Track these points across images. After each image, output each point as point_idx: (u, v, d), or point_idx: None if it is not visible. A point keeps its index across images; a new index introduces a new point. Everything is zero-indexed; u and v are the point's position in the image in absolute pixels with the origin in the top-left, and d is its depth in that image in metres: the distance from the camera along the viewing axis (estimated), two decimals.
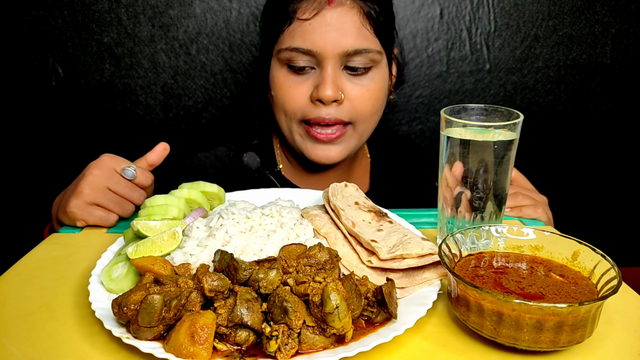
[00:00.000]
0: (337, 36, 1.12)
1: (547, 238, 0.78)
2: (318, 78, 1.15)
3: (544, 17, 1.65)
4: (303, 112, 1.18)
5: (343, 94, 1.15)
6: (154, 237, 0.82)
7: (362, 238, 0.82)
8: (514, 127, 0.84)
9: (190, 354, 0.60)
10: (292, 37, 1.14)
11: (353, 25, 1.12)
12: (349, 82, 1.16)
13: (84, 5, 1.55)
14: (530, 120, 1.74)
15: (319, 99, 1.14)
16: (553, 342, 0.63)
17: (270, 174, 1.33)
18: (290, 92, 1.18)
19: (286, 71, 1.18)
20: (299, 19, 1.13)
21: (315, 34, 1.12)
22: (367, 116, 1.21)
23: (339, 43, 1.12)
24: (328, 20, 1.12)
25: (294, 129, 1.22)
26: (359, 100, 1.17)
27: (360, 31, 1.13)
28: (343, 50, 1.12)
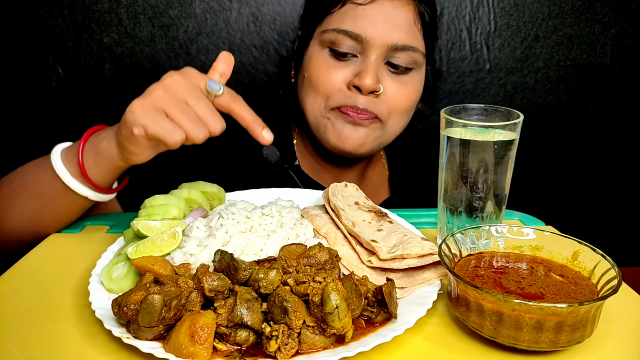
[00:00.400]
0: (389, 27, 1.10)
1: (547, 238, 0.78)
2: (360, 66, 1.12)
3: (544, 17, 1.65)
4: (337, 98, 1.14)
5: (382, 86, 1.13)
6: (154, 237, 0.82)
7: (362, 238, 0.82)
8: (514, 127, 0.84)
9: (190, 354, 0.60)
10: (343, 19, 1.12)
11: (406, 20, 1.11)
12: (388, 77, 1.14)
13: (84, 5, 1.55)
14: (530, 120, 1.74)
15: (357, 86, 1.11)
16: (553, 342, 0.63)
17: (290, 168, 1.30)
18: (327, 74, 1.14)
19: (327, 53, 1.15)
20: (353, 2, 1.11)
21: (368, 20, 1.10)
22: (399, 115, 1.18)
23: (389, 34, 1.10)
24: (383, 10, 1.10)
25: (321, 112, 1.17)
26: (396, 97, 1.15)
27: (411, 28, 1.12)
28: (392, 43, 1.10)
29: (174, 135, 0.79)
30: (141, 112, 0.79)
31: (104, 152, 0.89)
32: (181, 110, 0.80)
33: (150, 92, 0.80)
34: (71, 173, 0.92)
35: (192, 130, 0.80)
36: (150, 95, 0.80)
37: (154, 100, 0.79)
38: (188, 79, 0.83)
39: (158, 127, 0.78)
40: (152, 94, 0.80)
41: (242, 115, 0.85)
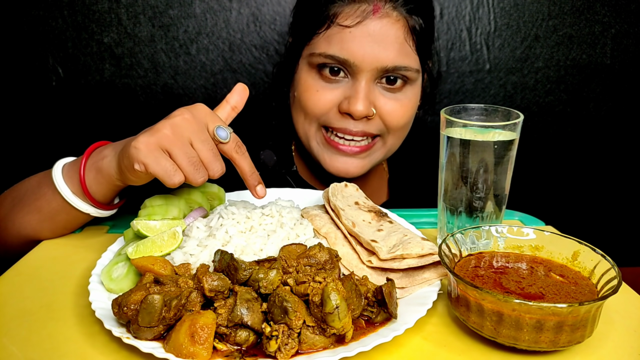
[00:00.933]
0: (378, 50, 1.05)
1: (547, 238, 0.78)
2: (350, 90, 1.09)
3: (544, 17, 1.65)
4: (327, 118, 1.12)
5: (375, 109, 1.10)
6: (154, 237, 0.82)
7: (362, 238, 0.82)
8: (514, 127, 0.84)
9: (190, 354, 0.60)
10: (329, 42, 1.08)
11: (396, 40, 1.06)
12: (382, 97, 1.11)
13: (84, 5, 1.55)
14: (530, 120, 1.74)
15: (348, 113, 1.09)
16: (553, 342, 0.63)
17: (287, 173, 1.29)
18: (316, 96, 1.11)
19: (315, 74, 1.12)
20: (339, 25, 1.06)
21: (355, 44, 1.05)
22: (397, 131, 1.16)
23: (378, 57, 1.05)
24: (371, 31, 1.05)
25: (311, 133, 1.16)
26: (391, 116, 1.12)
27: (402, 47, 1.07)
28: (382, 66, 1.06)
29: (173, 178, 0.79)
30: (145, 150, 0.79)
31: (105, 171, 0.88)
32: (184, 153, 0.80)
33: (158, 129, 0.80)
34: (72, 190, 0.91)
35: (191, 174, 0.80)
36: (158, 133, 0.79)
37: (159, 140, 0.79)
38: (197, 119, 0.83)
39: (159, 168, 0.79)
40: (159, 132, 0.79)
41: (242, 166, 0.87)
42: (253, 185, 0.88)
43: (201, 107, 0.85)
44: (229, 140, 0.84)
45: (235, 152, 0.86)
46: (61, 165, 0.94)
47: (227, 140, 0.84)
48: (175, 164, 0.80)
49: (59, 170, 0.92)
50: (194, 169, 0.80)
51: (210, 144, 0.83)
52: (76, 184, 0.91)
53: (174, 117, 0.82)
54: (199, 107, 0.85)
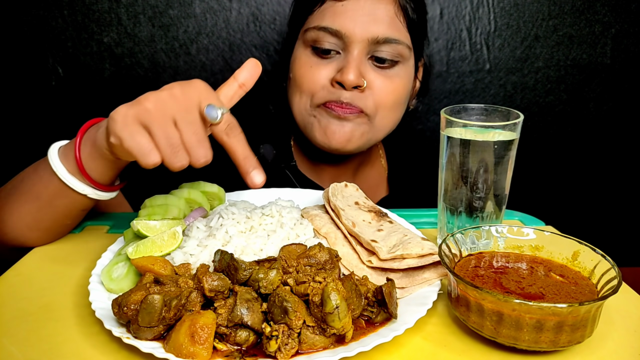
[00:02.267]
0: (369, 21, 1.09)
1: (547, 238, 0.78)
2: (342, 62, 1.12)
3: (544, 17, 1.65)
4: (321, 95, 1.14)
5: (366, 81, 1.12)
6: (154, 237, 0.82)
7: (362, 238, 0.82)
8: (514, 127, 0.84)
9: (190, 354, 0.60)
10: (322, 16, 1.12)
11: (386, 13, 1.10)
12: (373, 72, 1.13)
13: (84, 5, 1.55)
14: (530, 120, 1.74)
15: (339, 82, 1.10)
16: (553, 342, 0.63)
17: (286, 167, 1.30)
18: (310, 72, 1.14)
19: (310, 52, 1.15)
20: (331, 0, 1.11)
21: (347, 16, 1.09)
22: (387, 110, 1.17)
23: (369, 28, 1.09)
24: (362, 5, 1.09)
25: (307, 111, 1.17)
26: (381, 91, 1.14)
27: (393, 21, 1.11)
28: (372, 36, 1.09)
29: (147, 157, 0.72)
30: (122, 122, 0.72)
31: (99, 144, 0.82)
32: (164, 132, 0.72)
33: (139, 102, 0.73)
34: (68, 169, 0.86)
35: (168, 157, 0.73)
36: (138, 106, 0.73)
37: (139, 114, 0.72)
38: (187, 96, 0.75)
39: (133, 144, 0.72)
40: (140, 105, 0.73)
41: (232, 150, 0.78)
42: (247, 172, 0.77)
43: (197, 83, 0.77)
44: (219, 120, 0.75)
45: (225, 133, 0.76)
46: (57, 147, 0.89)
47: (217, 120, 0.75)
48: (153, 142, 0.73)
49: (55, 151, 0.88)
50: (172, 152, 0.73)
51: (197, 126, 0.74)
52: (72, 163, 0.86)
53: (162, 90, 0.74)
54: (194, 83, 0.77)
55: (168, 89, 0.75)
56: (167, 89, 0.75)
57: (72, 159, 0.86)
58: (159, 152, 0.73)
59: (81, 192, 0.88)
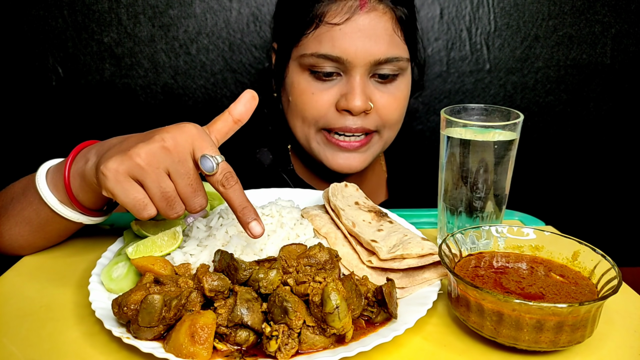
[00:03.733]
0: (369, 44, 1.06)
1: (547, 238, 0.78)
2: (345, 86, 1.10)
3: (544, 17, 1.65)
4: (326, 120, 1.13)
5: (372, 103, 1.11)
6: (154, 237, 0.82)
7: (362, 238, 0.82)
8: (514, 127, 0.84)
9: (190, 354, 0.60)
10: (320, 42, 1.08)
11: (385, 32, 1.07)
12: (377, 91, 1.12)
13: (84, 5, 1.55)
14: (530, 120, 1.74)
15: (346, 109, 1.09)
16: (553, 342, 0.63)
17: (283, 172, 1.29)
18: (313, 100, 1.11)
19: (308, 77, 1.12)
20: (327, 23, 1.07)
21: (346, 41, 1.06)
22: (393, 124, 1.17)
23: (370, 51, 1.06)
24: (360, 27, 1.05)
25: (311, 136, 1.17)
26: (387, 109, 1.13)
27: (392, 38, 1.08)
28: (375, 59, 1.07)
29: (142, 212, 0.71)
30: (114, 179, 0.69)
31: (88, 179, 0.77)
32: (157, 186, 0.70)
33: (130, 156, 0.69)
34: (59, 199, 0.82)
35: (164, 210, 0.72)
36: (129, 161, 0.69)
37: (130, 169, 0.69)
38: (180, 147, 0.71)
39: (128, 200, 0.70)
40: (131, 160, 0.69)
41: (230, 201, 0.74)
42: (246, 223, 0.74)
43: (188, 130, 0.72)
44: (215, 172, 0.72)
45: (221, 185, 0.73)
46: (45, 170, 0.84)
47: (212, 172, 0.72)
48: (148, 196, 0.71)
49: (43, 178, 0.83)
50: (167, 205, 0.71)
51: (191, 177, 0.72)
52: (62, 193, 0.82)
53: (152, 142, 0.70)
54: (185, 130, 0.72)
55: (159, 140, 0.70)
56: (158, 141, 0.70)
57: (62, 189, 0.82)
58: (154, 205, 0.71)
59: (75, 220, 0.85)
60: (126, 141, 0.73)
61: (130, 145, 0.70)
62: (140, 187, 0.70)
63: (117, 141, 0.76)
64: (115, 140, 0.77)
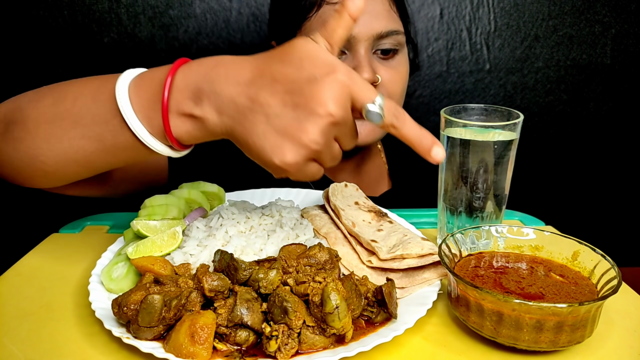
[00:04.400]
0: (370, 19, 1.11)
1: (547, 238, 0.78)
2: (352, 62, 1.13)
3: (544, 17, 1.65)
4: None
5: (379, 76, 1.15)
6: (154, 237, 0.82)
7: (362, 238, 0.82)
8: (514, 127, 0.84)
9: (190, 354, 0.60)
10: (322, 22, 1.12)
11: (383, 7, 1.13)
12: (381, 66, 1.16)
13: (84, 5, 1.55)
14: (530, 120, 1.74)
15: None
16: (553, 342, 0.63)
17: None
18: None
19: None
20: (329, 3, 1.12)
21: None
22: (397, 99, 1.20)
23: (372, 25, 1.11)
24: None
25: None
26: (392, 83, 1.17)
27: (389, 13, 1.14)
28: (376, 32, 1.12)
29: (315, 177, 0.70)
30: (295, 170, 0.67)
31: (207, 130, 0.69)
32: (331, 153, 0.68)
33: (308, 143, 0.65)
34: (150, 131, 0.71)
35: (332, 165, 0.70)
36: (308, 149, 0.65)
37: (310, 155, 0.66)
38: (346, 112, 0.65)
39: (303, 176, 0.69)
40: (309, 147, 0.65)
41: (407, 136, 0.69)
42: (428, 150, 0.68)
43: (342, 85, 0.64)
44: (383, 118, 0.66)
45: (392, 127, 0.68)
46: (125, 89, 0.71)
47: (380, 122, 0.67)
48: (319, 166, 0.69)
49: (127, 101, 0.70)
50: (335, 161, 0.70)
51: (352, 129, 0.69)
52: (157, 127, 0.70)
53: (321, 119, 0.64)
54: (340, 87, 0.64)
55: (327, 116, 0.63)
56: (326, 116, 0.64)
57: (158, 124, 0.70)
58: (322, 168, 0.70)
59: (164, 154, 0.74)
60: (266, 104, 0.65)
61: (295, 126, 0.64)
62: (316, 163, 0.68)
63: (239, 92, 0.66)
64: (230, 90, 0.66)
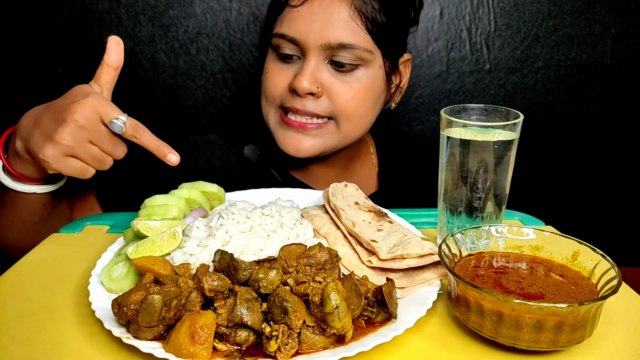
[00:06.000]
0: (322, 27, 1.08)
1: (547, 238, 0.78)
2: (299, 68, 1.13)
3: (544, 17, 1.65)
4: (281, 99, 1.16)
5: (321, 87, 1.11)
6: (154, 237, 0.82)
7: (362, 238, 0.82)
8: (514, 127, 0.84)
9: (190, 354, 0.60)
10: (281, 23, 1.14)
11: (339, 17, 1.08)
12: (331, 77, 1.12)
13: (84, 5, 1.55)
14: (530, 120, 1.74)
15: (294, 89, 1.12)
16: (553, 342, 0.63)
17: (272, 167, 1.30)
18: (272, 78, 1.17)
19: (274, 57, 1.17)
20: (289, 5, 1.12)
21: (300, 22, 1.10)
22: (351, 116, 1.15)
23: (322, 34, 1.08)
24: (315, 10, 1.09)
25: (271, 114, 1.20)
26: (340, 97, 1.13)
27: (347, 25, 1.09)
28: (325, 42, 1.08)
29: (85, 174, 0.92)
30: (54, 162, 0.89)
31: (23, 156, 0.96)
32: (87, 153, 0.90)
33: (59, 141, 0.88)
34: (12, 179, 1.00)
35: (99, 166, 0.93)
36: (59, 145, 0.88)
37: (64, 150, 0.88)
38: (90, 118, 0.89)
39: (71, 171, 0.91)
40: (59, 144, 0.88)
41: (146, 145, 0.93)
42: (164, 156, 0.94)
43: (89, 103, 0.89)
44: (125, 129, 0.91)
45: (134, 137, 0.92)
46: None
47: (123, 131, 0.91)
48: (84, 163, 0.91)
49: None
50: (100, 162, 0.93)
51: (108, 137, 0.91)
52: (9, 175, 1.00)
53: (68, 124, 0.87)
54: (87, 104, 0.89)
55: (73, 121, 0.88)
56: (71, 122, 0.88)
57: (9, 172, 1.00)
58: (91, 167, 0.92)
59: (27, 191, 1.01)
60: (42, 123, 0.91)
61: (52, 130, 0.88)
62: (76, 159, 0.91)
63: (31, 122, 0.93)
64: (27, 121, 0.94)
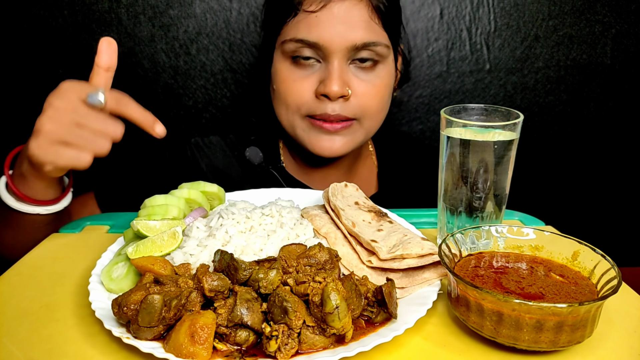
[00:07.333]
0: (345, 29, 1.08)
1: (547, 238, 0.78)
2: (324, 72, 1.12)
3: (544, 17, 1.65)
4: (308, 107, 1.15)
5: (350, 89, 1.12)
6: (154, 237, 0.82)
7: (362, 238, 0.82)
8: (514, 127, 0.84)
9: (190, 354, 0.60)
10: (297, 28, 1.11)
11: (361, 18, 1.10)
12: (355, 78, 1.14)
13: (84, 5, 1.55)
14: (530, 120, 1.74)
15: (324, 94, 1.11)
16: (553, 342, 0.63)
17: (274, 169, 1.30)
18: (294, 86, 1.14)
19: (290, 64, 1.15)
20: (305, 11, 1.10)
21: (322, 27, 1.09)
22: (373, 113, 1.18)
23: (346, 37, 1.09)
24: (335, 13, 1.08)
25: (296, 123, 1.19)
26: (366, 97, 1.14)
27: (368, 24, 1.10)
28: (351, 44, 1.09)
29: (82, 161, 0.84)
30: (41, 152, 0.82)
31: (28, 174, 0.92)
32: (76, 134, 0.83)
33: (39, 129, 0.82)
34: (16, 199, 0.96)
35: (95, 148, 0.84)
36: (42, 132, 0.82)
37: (48, 137, 0.82)
38: (68, 100, 0.83)
39: (65, 160, 0.83)
40: (42, 130, 0.82)
41: (131, 115, 0.87)
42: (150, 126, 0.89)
43: (65, 87, 0.85)
44: (105, 102, 0.85)
45: (117, 107, 0.86)
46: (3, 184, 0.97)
47: (102, 103, 0.84)
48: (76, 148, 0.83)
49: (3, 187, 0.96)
50: (95, 143, 0.84)
51: (92, 116, 0.84)
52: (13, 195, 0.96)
53: (45, 112, 0.82)
54: (64, 86, 0.85)
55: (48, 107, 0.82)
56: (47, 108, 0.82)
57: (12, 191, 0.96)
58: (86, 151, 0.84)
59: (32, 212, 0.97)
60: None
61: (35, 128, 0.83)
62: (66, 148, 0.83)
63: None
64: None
